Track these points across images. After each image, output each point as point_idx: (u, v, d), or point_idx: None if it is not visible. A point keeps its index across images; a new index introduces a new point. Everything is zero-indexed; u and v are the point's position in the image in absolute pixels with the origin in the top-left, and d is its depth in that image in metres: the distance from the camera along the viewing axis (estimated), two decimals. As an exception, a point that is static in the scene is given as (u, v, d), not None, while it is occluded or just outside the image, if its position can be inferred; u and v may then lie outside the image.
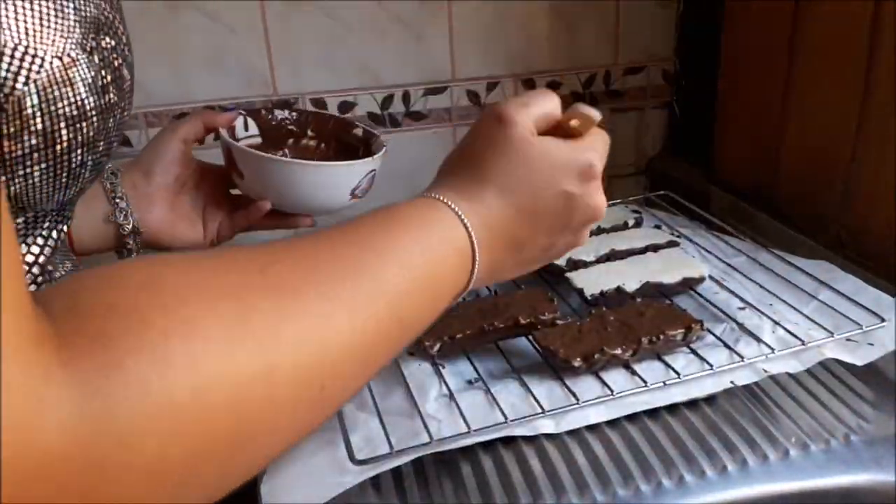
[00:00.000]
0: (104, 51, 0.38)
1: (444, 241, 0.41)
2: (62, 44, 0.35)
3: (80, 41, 0.37)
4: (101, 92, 0.38)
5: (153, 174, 0.66)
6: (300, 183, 0.63)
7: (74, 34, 0.36)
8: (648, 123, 1.07)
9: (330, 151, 0.73)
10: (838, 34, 0.73)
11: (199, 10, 0.88)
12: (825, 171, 0.78)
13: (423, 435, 0.53)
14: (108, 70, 0.39)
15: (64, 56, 0.36)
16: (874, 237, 0.73)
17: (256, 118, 0.72)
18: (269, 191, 0.65)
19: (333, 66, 0.94)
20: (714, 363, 0.58)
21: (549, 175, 0.44)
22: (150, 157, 0.66)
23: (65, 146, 0.37)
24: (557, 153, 0.45)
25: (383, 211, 0.41)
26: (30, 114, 0.35)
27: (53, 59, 0.35)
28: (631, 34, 1.01)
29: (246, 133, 0.71)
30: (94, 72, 0.37)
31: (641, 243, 0.76)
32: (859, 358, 0.59)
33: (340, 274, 0.34)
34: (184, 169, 0.67)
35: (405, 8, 0.93)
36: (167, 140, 0.67)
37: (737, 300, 0.68)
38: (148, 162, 0.66)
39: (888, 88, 0.68)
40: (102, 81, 0.38)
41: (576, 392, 0.56)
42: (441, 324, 0.62)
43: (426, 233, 0.40)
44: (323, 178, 0.64)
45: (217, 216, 0.69)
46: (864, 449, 0.52)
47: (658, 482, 0.50)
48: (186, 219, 0.68)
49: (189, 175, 0.68)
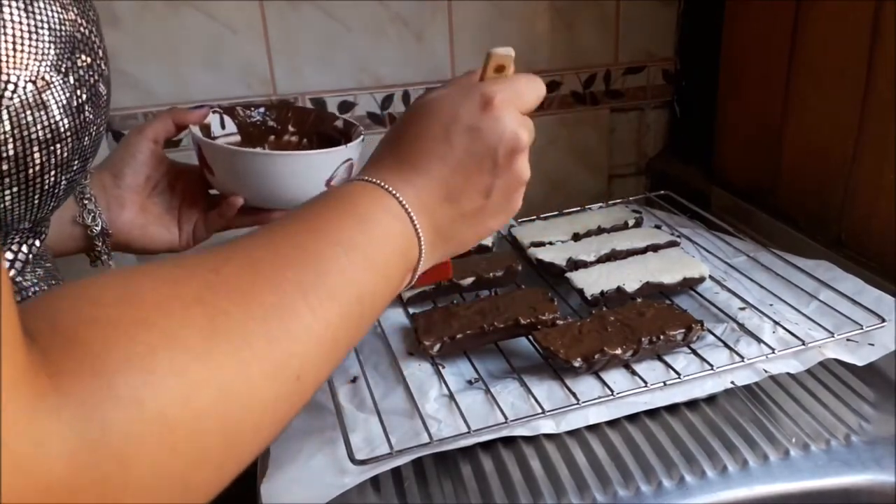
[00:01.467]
0: (80, 70, 0.38)
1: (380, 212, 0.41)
2: (36, 67, 0.35)
3: (55, 63, 0.36)
4: (75, 112, 0.37)
5: (123, 175, 0.64)
6: (271, 174, 0.61)
7: (49, 56, 0.35)
8: (649, 123, 1.07)
9: (312, 146, 0.71)
10: (839, 34, 0.73)
11: (198, 9, 0.88)
12: (826, 170, 0.78)
13: (423, 435, 0.53)
14: (83, 89, 0.38)
15: (38, 80, 0.35)
16: (875, 237, 0.73)
17: (233, 115, 0.70)
18: (240, 186, 0.63)
19: (333, 66, 0.94)
20: (714, 363, 0.58)
21: (451, 114, 0.44)
22: (120, 158, 0.64)
23: (37, 169, 0.36)
24: (450, 95, 0.45)
25: (317, 200, 0.41)
26: (1, 140, 0.34)
27: (27, 84, 0.34)
28: (631, 34, 1.01)
29: (223, 131, 0.69)
30: (69, 92, 0.37)
31: (642, 243, 0.76)
32: (860, 358, 0.59)
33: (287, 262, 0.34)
34: (155, 169, 0.65)
35: (405, 7, 0.93)
36: (137, 140, 0.65)
37: (737, 300, 0.68)
38: (117, 163, 0.64)
39: (888, 88, 0.68)
40: (77, 101, 0.37)
41: (576, 392, 0.56)
42: (441, 324, 0.62)
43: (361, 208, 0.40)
44: (293, 168, 0.61)
45: (193, 217, 0.67)
46: (864, 449, 0.52)
47: (658, 482, 0.50)
48: (159, 221, 0.66)
49: (161, 175, 0.66)
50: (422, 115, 0.45)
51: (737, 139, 0.92)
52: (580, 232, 0.80)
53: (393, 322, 0.69)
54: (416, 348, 0.63)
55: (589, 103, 1.03)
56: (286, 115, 0.72)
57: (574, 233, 0.80)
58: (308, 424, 0.56)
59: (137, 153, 0.64)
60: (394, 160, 0.44)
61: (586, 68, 1.01)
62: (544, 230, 0.81)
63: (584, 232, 0.80)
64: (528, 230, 0.82)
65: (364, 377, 0.60)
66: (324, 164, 0.62)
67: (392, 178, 0.43)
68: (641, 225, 0.83)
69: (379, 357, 0.64)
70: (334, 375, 0.60)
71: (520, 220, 0.88)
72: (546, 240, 0.79)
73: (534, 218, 0.88)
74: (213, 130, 0.68)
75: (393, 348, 0.64)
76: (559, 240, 0.79)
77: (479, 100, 0.44)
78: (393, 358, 0.63)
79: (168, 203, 0.67)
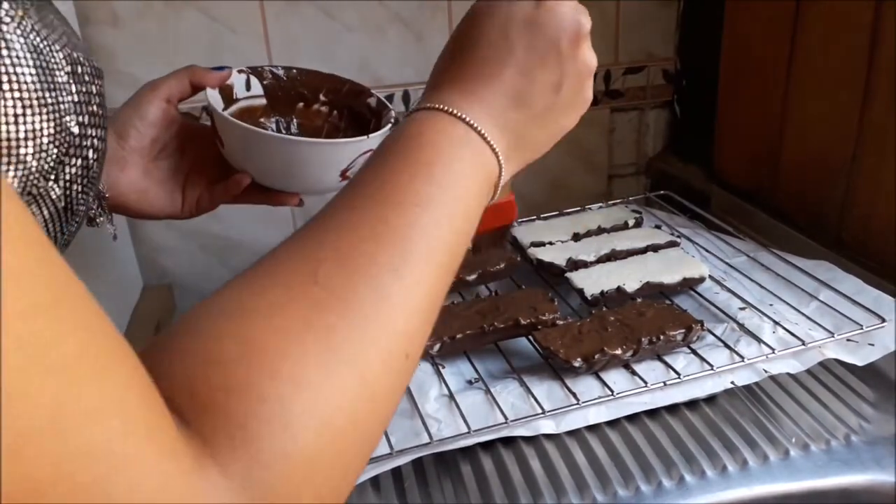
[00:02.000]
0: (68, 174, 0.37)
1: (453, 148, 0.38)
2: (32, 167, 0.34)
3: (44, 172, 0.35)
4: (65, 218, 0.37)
5: (128, 136, 0.58)
6: (282, 158, 0.57)
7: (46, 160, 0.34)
8: (649, 123, 1.07)
9: (342, 121, 0.66)
10: (839, 34, 0.73)
11: (198, 9, 0.88)
12: (826, 170, 0.78)
13: (423, 435, 0.53)
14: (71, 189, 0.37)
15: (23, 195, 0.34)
16: (875, 237, 0.73)
17: (261, 77, 0.64)
18: (249, 164, 0.58)
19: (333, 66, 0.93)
20: (714, 363, 0.58)
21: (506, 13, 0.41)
22: (127, 117, 0.59)
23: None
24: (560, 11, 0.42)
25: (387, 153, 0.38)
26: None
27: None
28: (631, 34, 1.01)
29: (247, 93, 0.64)
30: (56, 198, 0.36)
31: (642, 243, 0.76)
32: (860, 358, 0.59)
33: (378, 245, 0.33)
34: (163, 131, 0.60)
35: (405, 7, 0.93)
36: (147, 99, 0.59)
37: (737, 300, 0.68)
38: (124, 122, 0.59)
39: (889, 88, 0.68)
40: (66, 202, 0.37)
41: (576, 392, 0.56)
42: (441, 324, 0.62)
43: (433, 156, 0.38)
44: (307, 156, 0.57)
45: (199, 185, 0.62)
46: (864, 449, 0.52)
47: (658, 482, 0.50)
48: (162, 186, 0.60)
49: (171, 137, 0.61)
50: (474, 22, 0.42)
51: (737, 139, 0.92)
52: (580, 232, 0.80)
53: (393, 322, 0.69)
54: (416, 348, 0.63)
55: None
56: (319, 82, 0.66)
57: (574, 233, 0.80)
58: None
59: (147, 113, 0.59)
60: (454, 76, 0.41)
61: (586, 68, 1.01)
62: (544, 230, 0.81)
63: (584, 232, 0.80)
64: (528, 230, 0.82)
65: (364, 377, 0.60)
66: (341, 155, 0.57)
67: (456, 98, 0.40)
68: (641, 225, 0.83)
69: (379, 357, 0.63)
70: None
71: (520, 220, 0.88)
72: (546, 240, 0.79)
73: (534, 218, 0.88)
74: (237, 92, 0.63)
75: (393, 348, 0.64)
76: (559, 240, 0.79)
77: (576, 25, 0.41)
78: (393, 358, 0.63)
79: (175, 167, 0.61)
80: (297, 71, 0.66)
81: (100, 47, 0.88)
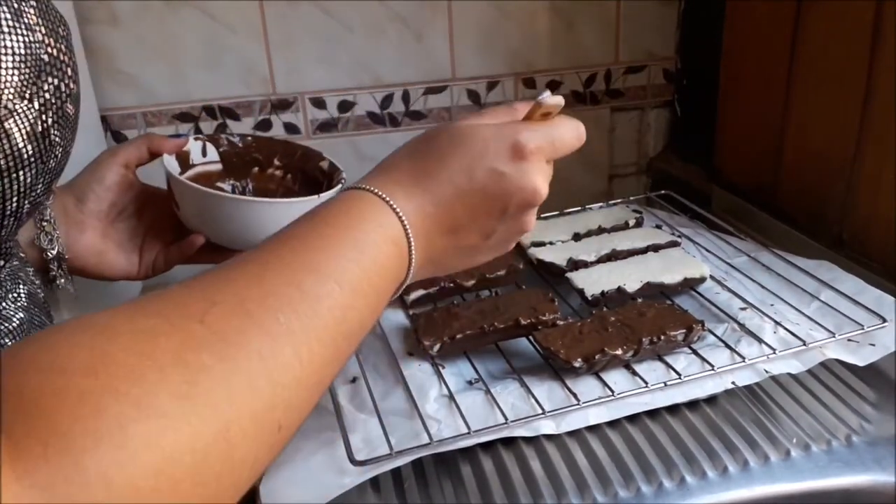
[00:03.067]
0: (45, 94, 0.36)
1: (378, 234, 0.39)
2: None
3: (19, 89, 0.34)
4: (40, 138, 0.36)
5: (86, 200, 0.61)
6: (238, 219, 0.59)
7: (13, 82, 0.34)
8: (649, 123, 1.07)
9: (296, 184, 0.69)
10: (840, 34, 0.73)
11: (198, 8, 0.88)
12: (827, 170, 0.78)
13: (423, 436, 0.52)
14: (49, 112, 0.36)
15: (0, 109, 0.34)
16: (875, 237, 0.73)
17: (217, 144, 0.68)
18: (205, 225, 0.62)
19: (333, 65, 0.94)
20: (715, 364, 0.58)
21: (479, 150, 0.43)
22: (86, 182, 0.62)
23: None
24: (486, 129, 0.44)
25: (310, 219, 0.39)
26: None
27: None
28: (632, 33, 1.01)
29: (203, 159, 0.68)
30: (34, 118, 0.35)
31: (642, 243, 0.76)
32: (861, 358, 0.59)
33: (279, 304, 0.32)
34: (121, 196, 0.63)
35: (405, 7, 0.93)
36: (107, 164, 0.62)
37: (738, 300, 0.68)
38: (83, 186, 0.61)
39: (889, 88, 0.68)
40: (42, 126, 0.36)
41: (576, 393, 0.56)
42: (441, 324, 0.62)
43: (359, 232, 0.38)
44: (260, 215, 0.59)
45: (155, 247, 0.65)
46: (865, 450, 0.52)
47: (659, 483, 0.50)
48: (120, 248, 0.63)
49: (129, 201, 0.64)
50: (451, 140, 0.43)
51: (737, 139, 0.92)
52: (580, 232, 0.80)
53: (392, 322, 0.69)
54: (415, 348, 0.63)
55: (589, 103, 1.03)
56: (273, 148, 0.70)
57: (574, 233, 0.80)
58: (307, 425, 0.55)
59: (105, 178, 0.62)
60: (408, 175, 0.42)
61: (587, 68, 1.01)
62: (545, 230, 0.81)
63: (584, 232, 0.80)
64: (528, 230, 0.81)
65: (364, 377, 0.60)
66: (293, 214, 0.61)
67: (400, 194, 0.41)
68: (642, 225, 0.83)
69: (378, 357, 0.63)
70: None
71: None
72: (546, 240, 0.78)
73: (534, 218, 0.88)
74: (193, 158, 0.67)
75: (392, 348, 0.64)
76: (559, 240, 0.79)
77: (512, 144, 0.43)
78: (392, 358, 0.63)
79: (132, 230, 0.64)
80: (252, 138, 0.70)
81: (99, 47, 0.88)
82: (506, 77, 0.98)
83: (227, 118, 0.94)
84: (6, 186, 0.35)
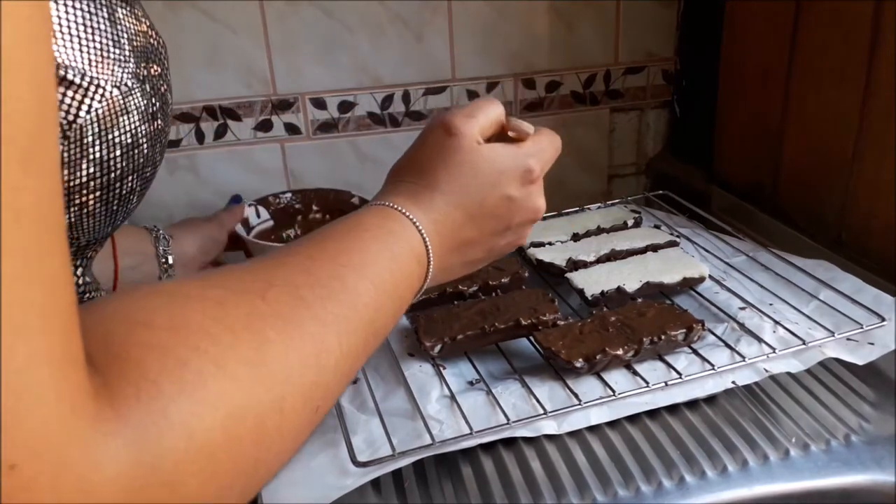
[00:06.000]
0: (153, 78, 0.39)
1: (406, 250, 0.43)
2: (120, 73, 0.36)
3: (135, 70, 0.38)
4: (151, 119, 0.39)
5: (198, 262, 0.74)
6: None
7: (129, 64, 0.37)
8: (649, 123, 1.07)
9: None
10: (839, 34, 0.74)
11: (198, 9, 0.88)
12: (825, 170, 0.78)
13: (425, 436, 0.53)
14: (156, 97, 0.40)
15: (121, 85, 0.36)
16: (874, 236, 0.73)
17: (266, 205, 0.85)
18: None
19: (333, 66, 0.94)
20: (715, 363, 0.58)
21: (494, 179, 0.47)
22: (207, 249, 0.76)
23: (118, 173, 0.37)
24: (501, 160, 0.48)
25: (349, 224, 0.42)
26: (90, 142, 0.35)
27: (113, 89, 0.36)
28: (631, 34, 1.01)
29: (258, 220, 0.84)
30: (147, 100, 0.38)
31: (641, 243, 0.76)
32: (860, 357, 0.59)
33: (327, 294, 0.35)
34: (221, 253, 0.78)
35: (405, 8, 0.93)
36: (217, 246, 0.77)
37: (737, 300, 0.68)
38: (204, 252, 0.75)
39: (889, 88, 0.68)
40: (152, 109, 0.39)
41: (578, 393, 0.56)
42: (442, 325, 0.62)
43: (391, 244, 0.42)
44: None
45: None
46: (864, 449, 0.52)
47: (659, 482, 0.50)
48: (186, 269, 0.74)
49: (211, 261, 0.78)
50: (466, 165, 0.47)
51: (737, 139, 0.92)
52: (580, 232, 0.80)
53: (394, 322, 0.69)
54: (416, 349, 0.63)
55: (589, 103, 1.04)
56: (310, 197, 0.86)
57: (574, 233, 0.80)
58: (309, 425, 0.56)
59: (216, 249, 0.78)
60: (428, 199, 0.46)
61: (586, 68, 1.01)
62: (544, 230, 0.81)
63: (583, 232, 0.80)
64: (528, 230, 0.82)
65: (365, 378, 0.60)
66: None
67: (424, 219, 0.45)
68: (640, 225, 0.83)
69: (379, 358, 0.64)
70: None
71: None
72: (546, 240, 0.79)
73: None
74: (251, 221, 0.83)
75: (393, 349, 0.64)
76: (559, 240, 0.79)
77: (523, 172, 0.48)
78: (393, 359, 0.63)
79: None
80: (291, 193, 0.87)
81: (100, 48, 0.88)
82: (505, 78, 0.98)
83: (228, 118, 0.94)
84: (125, 164, 0.37)
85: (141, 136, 0.38)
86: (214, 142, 0.95)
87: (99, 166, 0.36)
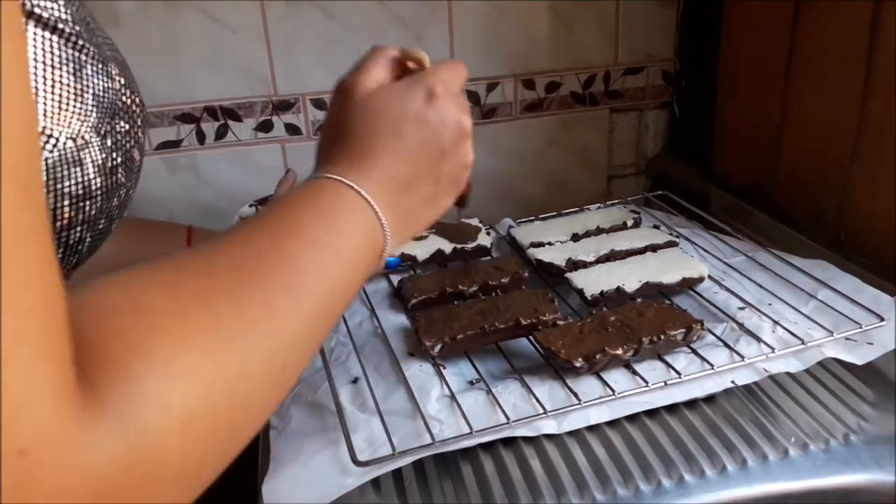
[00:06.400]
0: (118, 134, 0.40)
1: (339, 204, 0.44)
2: (78, 126, 0.37)
3: (96, 125, 0.38)
4: (108, 173, 0.39)
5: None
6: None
7: (91, 118, 0.38)
8: (648, 124, 1.08)
9: None
10: (838, 34, 0.74)
11: (199, 9, 0.88)
12: (824, 171, 0.78)
13: (426, 436, 0.53)
14: (119, 152, 0.40)
15: (78, 138, 0.37)
16: (873, 236, 0.73)
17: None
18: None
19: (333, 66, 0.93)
20: (715, 363, 0.58)
21: (399, 111, 0.48)
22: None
23: (65, 223, 0.38)
24: (398, 92, 0.48)
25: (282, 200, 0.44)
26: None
27: (67, 141, 0.36)
28: (631, 34, 1.01)
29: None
30: (105, 154, 0.39)
31: (641, 243, 0.76)
32: (859, 357, 0.59)
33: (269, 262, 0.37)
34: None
35: (405, 8, 0.93)
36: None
37: (736, 300, 0.68)
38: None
39: (888, 88, 0.68)
40: (112, 163, 0.40)
41: (577, 392, 0.56)
42: (442, 325, 0.62)
43: (320, 204, 0.43)
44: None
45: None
46: (863, 449, 0.53)
47: (658, 482, 0.50)
48: None
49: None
50: (368, 112, 0.48)
51: (736, 139, 0.93)
52: (579, 232, 0.80)
53: (393, 323, 0.69)
54: (417, 349, 0.63)
55: (588, 104, 1.04)
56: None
57: (573, 233, 0.80)
58: (310, 425, 0.56)
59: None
60: (348, 157, 0.47)
61: (586, 69, 1.02)
62: (543, 230, 0.81)
63: (583, 232, 0.80)
64: (527, 231, 0.82)
65: (365, 378, 0.60)
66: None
67: (351, 174, 0.45)
68: (640, 225, 0.84)
69: (380, 358, 0.64)
70: (336, 376, 0.61)
71: (519, 220, 0.88)
72: (545, 240, 0.79)
73: (533, 218, 0.88)
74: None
75: (394, 349, 0.64)
76: (558, 240, 0.79)
77: (423, 93, 0.48)
78: (394, 359, 0.63)
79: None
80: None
81: (100, 48, 0.88)
82: (505, 78, 0.98)
83: (229, 119, 0.94)
84: (72, 214, 0.38)
85: (95, 189, 0.39)
86: (215, 142, 0.95)
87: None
